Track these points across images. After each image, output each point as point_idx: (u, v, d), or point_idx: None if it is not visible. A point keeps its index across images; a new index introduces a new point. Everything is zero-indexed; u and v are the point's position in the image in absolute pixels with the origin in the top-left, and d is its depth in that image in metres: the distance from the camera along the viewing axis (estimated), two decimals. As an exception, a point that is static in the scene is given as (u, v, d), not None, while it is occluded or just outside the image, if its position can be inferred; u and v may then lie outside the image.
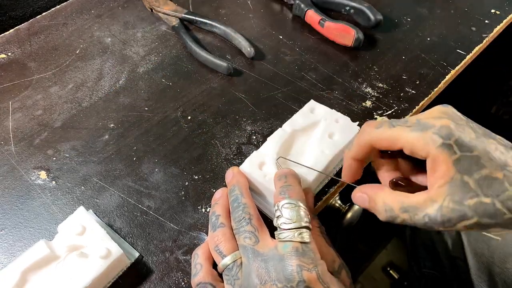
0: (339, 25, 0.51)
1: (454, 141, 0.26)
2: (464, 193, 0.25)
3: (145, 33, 0.56)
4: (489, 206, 0.25)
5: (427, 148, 0.26)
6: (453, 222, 0.26)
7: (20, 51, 0.54)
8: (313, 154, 0.37)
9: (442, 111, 0.29)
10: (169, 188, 0.40)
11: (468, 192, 0.25)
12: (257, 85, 0.49)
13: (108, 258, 0.33)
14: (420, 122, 0.28)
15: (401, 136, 0.28)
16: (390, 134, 0.28)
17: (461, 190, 0.25)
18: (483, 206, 0.25)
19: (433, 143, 0.26)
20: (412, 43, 0.53)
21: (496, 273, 0.54)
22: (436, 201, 0.26)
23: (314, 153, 0.37)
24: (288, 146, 0.38)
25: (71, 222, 0.35)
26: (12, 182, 0.41)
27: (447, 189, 0.26)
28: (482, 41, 0.53)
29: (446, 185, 0.26)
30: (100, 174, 0.42)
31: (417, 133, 0.27)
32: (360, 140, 0.31)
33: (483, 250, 0.56)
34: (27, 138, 0.45)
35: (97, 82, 0.50)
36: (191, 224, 0.38)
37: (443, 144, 0.26)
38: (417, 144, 0.27)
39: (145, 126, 0.46)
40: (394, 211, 0.28)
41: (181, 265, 0.35)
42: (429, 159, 0.27)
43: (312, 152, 0.37)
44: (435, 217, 0.26)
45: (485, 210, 0.25)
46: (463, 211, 0.25)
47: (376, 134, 0.29)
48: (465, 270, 0.58)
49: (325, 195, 0.39)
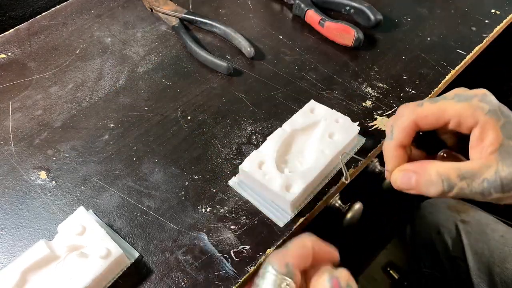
0: (339, 25, 0.51)
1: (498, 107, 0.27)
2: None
3: (145, 33, 0.56)
4: None
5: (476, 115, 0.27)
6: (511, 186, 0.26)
7: (20, 51, 0.54)
8: (313, 154, 0.37)
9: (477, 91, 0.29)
10: (169, 188, 0.40)
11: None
12: (257, 85, 0.49)
13: (108, 258, 0.33)
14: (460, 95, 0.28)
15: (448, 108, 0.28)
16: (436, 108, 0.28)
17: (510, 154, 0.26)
18: None
19: (482, 110, 0.26)
20: (412, 43, 0.53)
21: (496, 273, 0.54)
22: (492, 166, 0.26)
23: (314, 153, 0.37)
24: (288, 146, 0.38)
25: (71, 222, 0.35)
26: (12, 182, 0.41)
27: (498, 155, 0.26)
28: (482, 41, 0.53)
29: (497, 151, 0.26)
30: (100, 174, 0.42)
31: (463, 103, 0.27)
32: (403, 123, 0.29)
33: (483, 250, 0.56)
34: (27, 138, 0.45)
35: (97, 82, 0.50)
36: (191, 224, 0.38)
37: (490, 110, 0.26)
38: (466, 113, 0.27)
39: (145, 126, 0.46)
40: (451, 180, 0.27)
41: (181, 265, 0.35)
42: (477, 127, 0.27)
43: (312, 152, 0.37)
44: (494, 180, 0.26)
45: None
46: None
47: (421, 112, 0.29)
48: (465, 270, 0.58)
49: (325, 195, 0.39)
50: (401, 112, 0.30)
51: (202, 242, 0.37)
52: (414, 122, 0.29)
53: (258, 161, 0.36)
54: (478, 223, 0.59)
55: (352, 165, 0.41)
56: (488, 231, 0.57)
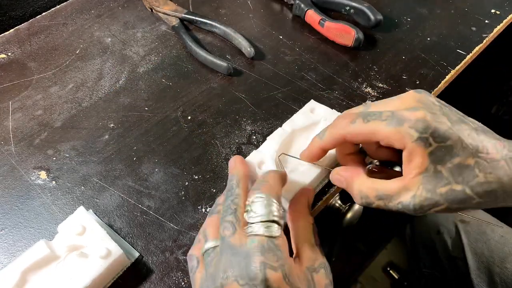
0: (339, 25, 0.51)
1: (430, 134, 0.27)
2: (437, 181, 0.27)
3: (145, 33, 0.56)
4: (459, 193, 0.26)
5: (403, 141, 0.27)
6: (425, 209, 0.27)
7: (20, 51, 0.54)
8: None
9: (416, 99, 0.29)
10: (169, 188, 0.40)
11: (441, 180, 0.27)
12: (257, 85, 0.49)
13: (108, 258, 0.33)
14: (395, 115, 0.28)
15: (377, 131, 0.28)
16: (366, 129, 0.29)
17: (434, 179, 0.27)
18: (454, 193, 0.26)
19: (410, 137, 0.27)
20: (412, 43, 0.53)
21: (496, 273, 0.54)
22: (410, 190, 0.28)
23: None
24: (288, 146, 0.38)
25: (71, 222, 0.35)
26: (12, 182, 0.41)
27: (421, 179, 0.27)
28: (482, 41, 0.53)
29: (420, 175, 0.27)
30: (100, 174, 0.42)
31: (393, 127, 0.27)
32: (334, 133, 0.31)
33: (482, 250, 0.56)
34: (27, 138, 0.45)
35: (97, 82, 0.50)
36: (191, 224, 0.38)
37: (419, 138, 0.27)
38: (394, 138, 0.27)
39: (145, 126, 0.46)
40: (369, 198, 0.30)
41: (181, 265, 0.35)
42: (405, 151, 0.27)
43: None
44: (408, 205, 0.28)
45: (455, 197, 0.27)
46: (435, 199, 0.27)
47: (351, 130, 0.30)
48: (465, 270, 0.58)
49: (325, 195, 0.39)
50: (336, 122, 0.31)
51: (202, 242, 0.37)
52: (344, 137, 0.30)
53: (257, 160, 0.36)
54: (478, 223, 0.59)
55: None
56: (488, 231, 0.57)
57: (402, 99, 0.30)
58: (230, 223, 0.28)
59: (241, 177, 0.32)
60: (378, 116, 0.28)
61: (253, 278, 0.25)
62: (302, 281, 0.27)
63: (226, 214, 0.29)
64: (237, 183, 0.32)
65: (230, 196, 0.31)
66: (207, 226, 0.31)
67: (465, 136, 0.27)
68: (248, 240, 0.27)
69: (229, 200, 0.30)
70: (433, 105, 0.28)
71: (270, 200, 0.29)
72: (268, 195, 0.29)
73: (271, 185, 0.30)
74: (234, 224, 0.28)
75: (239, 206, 0.30)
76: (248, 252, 0.26)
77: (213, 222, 0.31)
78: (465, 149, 0.26)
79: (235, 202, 0.30)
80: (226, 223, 0.29)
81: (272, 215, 0.28)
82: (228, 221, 0.29)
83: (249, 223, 0.28)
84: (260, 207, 0.28)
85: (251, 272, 0.25)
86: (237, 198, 0.30)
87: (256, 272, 0.25)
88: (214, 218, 0.31)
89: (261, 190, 0.29)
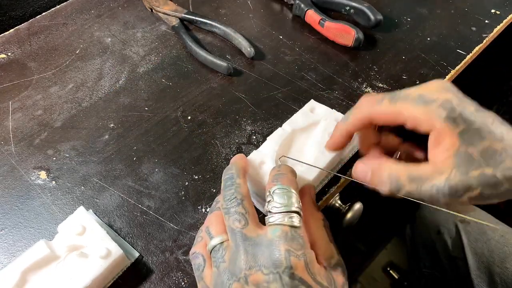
0: (339, 25, 0.51)
1: (458, 114, 0.26)
2: (469, 164, 0.26)
3: (145, 33, 0.56)
4: (491, 177, 0.25)
5: (432, 121, 0.27)
6: (460, 194, 0.26)
7: (20, 51, 0.54)
8: (313, 153, 0.37)
9: (441, 86, 0.28)
10: (169, 188, 0.40)
11: (473, 163, 0.26)
12: (257, 85, 0.49)
13: (108, 258, 0.33)
14: (422, 96, 0.27)
15: (404, 110, 0.28)
16: (392, 109, 0.28)
17: (466, 161, 0.26)
18: (486, 177, 0.25)
19: (439, 117, 0.26)
20: (412, 43, 0.53)
21: (496, 273, 0.54)
22: (444, 172, 0.26)
23: (314, 153, 0.37)
24: (287, 146, 0.38)
25: (71, 222, 0.35)
26: (12, 182, 0.41)
27: (454, 161, 0.26)
28: (482, 41, 0.53)
29: (452, 157, 0.26)
30: (100, 174, 0.42)
31: (421, 107, 0.27)
32: (359, 114, 0.30)
33: (482, 250, 0.56)
34: (27, 138, 0.45)
35: (97, 82, 0.50)
36: (191, 224, 0.38)
37: (448, 117, 0.26)
38: (421, 118, 0.27)
39: (145, 126, 0.46)
40: (400, 181, 0.28)
41: (181, 265, 0.35)
42: (433, 132, 0.27)
43: (312, 152, 0.37)
44: (443, 188, 0.26)
45: (487, 181, 0.25)
46: (468, 183, 0.26)
47: (378, 110, 0.29)
48: (465, 270, 0.58)
49: (325, 195, 0.39)
50: (361, 103, 0.31)
51: (202, 242, 0.37)
52: (369, 117, 0.30)
53: (258, 161, 0.36)
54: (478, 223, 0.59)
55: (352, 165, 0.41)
56: (488, 231, 0.57)
57: (427, 85, 0.29)
58: (240, 215, 0.28)
59: (240, 168, 0.32)
60: (405, 97, 0.28)
61: (278, 266, 0.25)
62: (322, 277, 0.27)
63: (232, 205, 0.29)
64: (236, 173, 0.31)
65: (231, 186, 0.30)
66: (209, 224, 0.30)
67: (489, 122, 0.27)
68: (270, 229, 0.27)
69: (232, 190, 0.30)
70: (458, 92, 0.28)
71: (290, 191, 0.29)
72: (288, 187, 0.29)
73: (289, 178, 0.30)
74: (244, 216, 0.28)
75: (244, 196, 0.29)
76: (271, 241, 0.26)
77: (215, 218, 0.30)
78: (491, 134, 0.26)
79: (239, 191, 0.29)
80: (236, 215, 0.28)
81: (294, 206, 0.28)
82: (238, 213, 0.28)
83: (271, 212, 0.28)
84: (282, 197, 0.28)
85: (276, 260, 0.25)
86: (240, 187, 0.30)
87: (281, 260, 0.25)
88: (216, 215, 0.31)
89: (281, 181, 0.29)
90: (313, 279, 0.26)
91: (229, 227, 0.28)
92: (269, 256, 0.26)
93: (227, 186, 0.30)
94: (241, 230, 0.28)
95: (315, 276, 0.26)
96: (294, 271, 0.25)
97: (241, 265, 0.26)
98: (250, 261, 0.26)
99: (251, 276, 0.26)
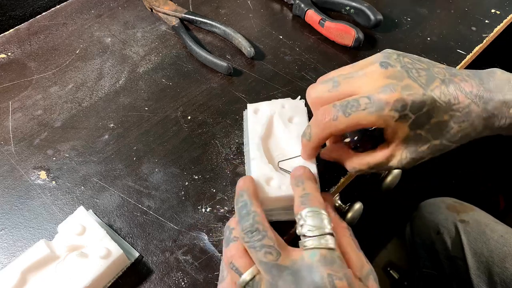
0: (339, 25, 0.51)
1: (409, 109, 0.29)
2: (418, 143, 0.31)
3: (145, 33, 0.56)
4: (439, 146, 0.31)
5: (386, 123, 0.30)
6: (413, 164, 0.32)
7: (20, 51, 0.54)
8: (293, 145, 0.37)
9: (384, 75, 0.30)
10: (169, 188, 0.40)
11: (421, 141, 0.31)
12: (257, 85, 0.49)
13: (108, 258, 0.33)
14: (373, 101, 0.29)
15: (360, 120, 0.30)
16: (349, 122, 0.30)
17: (415, 142, 0.31)
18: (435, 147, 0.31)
19: (392, 119, 0.29)
20: (412, 43, 0.53)
21: (496, 273, 0.54)
22: (396, 156, 0.32)
23: (293, 142, 0.37)
24: (269, 154, 0.37)
25: (71, 222, 0.35)
26: (12, 182, 0.41)
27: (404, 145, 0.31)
28: (482, 41, 0.53)
29: (402, 142, 0.31)
30: (100, 174, 0.42)
31: (374, 115, 0.29)
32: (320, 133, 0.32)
33: (482, 250, 0.56)
34: (27, 138, 0.45)
35: (97, 82, 0.50)
36: (191, 224, 0.38)
37: (400, 116, 0.29)
38: (377, 123, 0.30)
39: (145, 126, 0.46)
40: (363, 170, 0.34)
41: (181, 265, 0.35)
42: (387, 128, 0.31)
43: (291, 143, 0.37)
44: (397, 167, 0.32)
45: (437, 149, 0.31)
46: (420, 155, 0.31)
47: (336, 126, 0.31)
48: (465, 270, 0.58)
49: (325, 195, 0.39)
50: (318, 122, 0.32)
51: (202, 242, 0.37)
52: (330, 134, 0.32)
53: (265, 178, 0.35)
54: (478, 223, 0.59)
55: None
56: (488, 231, 0.57)
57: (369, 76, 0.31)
58: (269, 248, 0.28)
59: (252, 193, 0.31)
60: (357, 106, 0.30)
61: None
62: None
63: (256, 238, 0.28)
64: (250, 200, 0.31)
65: (247, 216, 0.29)
66: (232, 258, 0.29)
67: (438, 95, 0.30)
68: (307, 253, 0.27)
69: (250, 220, 0.29)
70: (401, 74, 0.30)
71: (321, 213, 0.29)
72: (318, 208, 0.29)
73: (316, 196, 0.30)
74: (274, 247, 0.28)
75: (265, 225, 0.29)
76: (310, 266, 0.26)
77: (237, 251, 0.29)
78: (439, 107, 0.30)
79: (258, 221, 0.29)
80: (264, 249, 0.28)
81: (327, 228, 0.28)
82: (266, 246, 0.28)
83: (306, 236, 0.28)
84: (314, 220, 0.28)
85: (321, 285, 0.25)
86: (257, 215, 0.29)
87: (326, 284, 0.25)
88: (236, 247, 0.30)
89: (310, 204, 0.29)
90: None
91: (260, 261, 0.28)
92: (312, 282, 0.26)
93: (243, 216, 0.30)
94: (275, 262, 0.27)
95: None
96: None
97: None
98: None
99: None
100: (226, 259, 0.30)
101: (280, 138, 0.38)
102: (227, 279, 0.30)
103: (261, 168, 0.35)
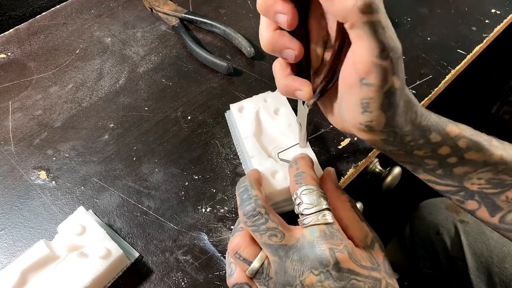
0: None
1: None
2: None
3: (145, 33, 0.56)
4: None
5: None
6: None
7: (20, 51, 0.54)
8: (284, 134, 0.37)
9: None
10: (169, 188, 0.40)
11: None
12: (257, 85, 0.49)
13: (108, 258, 0.33)
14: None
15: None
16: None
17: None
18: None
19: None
20: (412, 43, 0.53)
21: (495, 273, 0.54)
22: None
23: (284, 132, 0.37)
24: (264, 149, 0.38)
25: (71, 222, 0.35)
26: (12, 182, 0.41)
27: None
28: (483, 41, 0.53)
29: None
30: (100, 174, 0.42)
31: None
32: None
33: (482, 250, 0.56)
34: (27, 138, 0.45)
35: (97, 82, 0.50)
36: (191, 224, 0.38)
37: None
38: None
39: (145, 126, 0.46)
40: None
41: (181, 265, 0.35)
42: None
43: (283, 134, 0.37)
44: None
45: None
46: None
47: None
48: (464, 270, 0.58)
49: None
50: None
51: (202, 242, 0.37)
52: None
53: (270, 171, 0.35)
54: (477, 223, 0.59)
55: (352, 165, 0.41)
56: (487, 231, 0.57)
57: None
58: (273, 230, 0.28)
59: (253, 179, 0.32)
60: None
61: (326, 265, 0.27)
62: (366, 259, 0.28)
63: (259, 222, 0.28)
64: (250, 184, 0.31)
65: (249, 199, 0.30)
66: (237, 248, 0.29)
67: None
68: (307, 231, 0.28)
69: (252, 203, 0.29)
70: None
71: (316, 190, 0.30)
72: (313, 186, 0.30)
73: (310, 174, 0.31)
74: (277, 229, 0.28)
75: (266, 208, 0.29)
76: (312, 242, 0.27)
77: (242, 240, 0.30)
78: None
79: (260, 204, 0.29)
80: (269, 232, 0.28)
81: (323, 203, 0.29)
82: (269, 229, 0.28)
83: (304, 214, 0.29)
84: (309, 197, 0.29)
85: (323, 260, 0.27)
86: (258, 199, 0.30)
87: (328, 258, 0.27)
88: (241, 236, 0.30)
89: (304, 182, 0.30)
90: (359, 265, 0.27)
91: (265, 244, 0.28)
92: (315, 257, 0.27)
93: (245, 201, 0.30)
94: (281, 243, 0.28)
95: (360, 262, 0.28)
96: (341, 265, 0.27)
97: (292, 274, 0.27)
98: (299, 267, 0.27)
99: (306, 281, 0.27)
100: (232, 249, 0.30)
101: (271, 131, 0.39)
102: (238, 271, 0.30)
103: (263, 163, 0.36)
